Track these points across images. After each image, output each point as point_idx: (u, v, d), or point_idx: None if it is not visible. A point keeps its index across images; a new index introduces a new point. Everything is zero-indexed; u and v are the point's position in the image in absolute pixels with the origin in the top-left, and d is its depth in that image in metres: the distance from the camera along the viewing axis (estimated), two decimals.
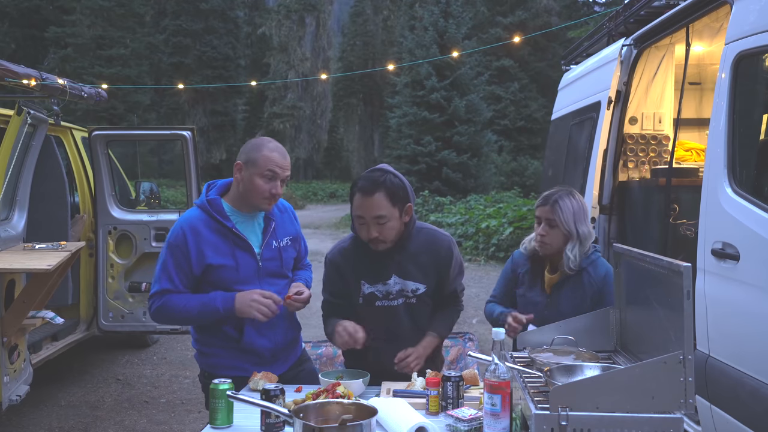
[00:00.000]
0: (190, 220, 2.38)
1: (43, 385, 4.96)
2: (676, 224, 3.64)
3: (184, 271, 2.35)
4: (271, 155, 2.35)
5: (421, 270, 2.44)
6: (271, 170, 2.34)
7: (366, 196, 2.30)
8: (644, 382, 1.59)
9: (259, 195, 2.36)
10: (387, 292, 2.44)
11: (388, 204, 2.30)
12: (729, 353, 2.56)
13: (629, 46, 4.22)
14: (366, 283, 2.44)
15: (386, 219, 2.30)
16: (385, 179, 2.31)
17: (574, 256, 2.52)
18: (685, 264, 1.61)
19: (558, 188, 2.63)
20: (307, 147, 39.66)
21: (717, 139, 2.76)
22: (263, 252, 2.43)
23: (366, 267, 2.44)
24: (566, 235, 2.53)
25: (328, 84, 39.51)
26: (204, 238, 2.35)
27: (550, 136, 6.09)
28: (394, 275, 2.43)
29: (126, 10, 30.35)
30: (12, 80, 4.34)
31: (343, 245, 2.54)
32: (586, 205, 2.63)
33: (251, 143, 2.43)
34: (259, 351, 2.43)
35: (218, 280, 2.37)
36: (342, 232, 17.29)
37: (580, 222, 2.54)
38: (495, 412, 1.74)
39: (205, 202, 2.40)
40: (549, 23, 28.51)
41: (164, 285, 2.35)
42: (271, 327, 2.43)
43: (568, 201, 2.54)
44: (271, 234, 2.45)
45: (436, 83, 21.46)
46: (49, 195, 5.09)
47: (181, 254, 2.34)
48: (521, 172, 24.30)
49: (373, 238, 2.33)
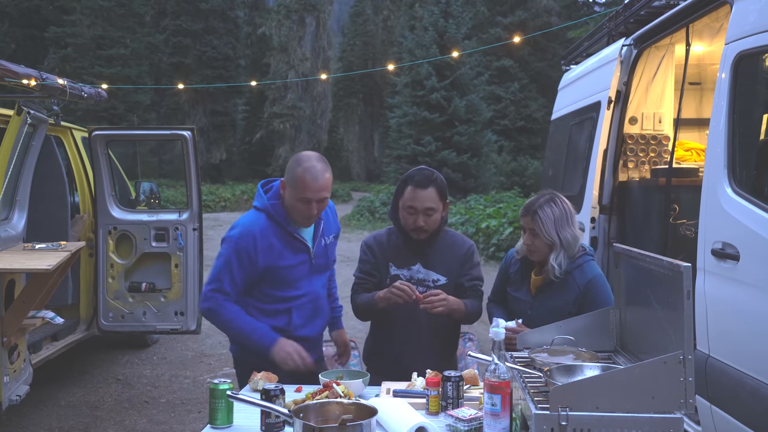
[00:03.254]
0: (259, 225, 2.51)
1: (43, 385, 4.96)
2: (676, 224, 3.64)
3: (247, 273, 2.50)
4: (304, 178, 2.40)
5: (443, 263, 2.69)
6: (305, 198, 2.42)
7: (420, 189, 2.58)
8: (644, 382, 1.59)
9: (298, 215, 2.49)
10: (410, 277, 2.69)
11: (437, 198, 2.60)
12: (729, 353, 2.56)
13: (629, 46, 4.22)
14: (393, 266, 2.72)
15: (434, 211, 2.60)
16: (436, 177, 2.63)
17: (558, 264, 2.49)
18: (685, 264, 1.61)
19: (540, 194, 2.60)
20: (307, 147, 39.54)
21: (717, 139, 2.76)
22: (315, 249, 2.60)
23: (395, 252, 2.73)
24: (549, 244, 2.51)
25: (328, 84, 39.49)
26: (270, 242, 2.49)
27: (550, 136, 6.09)
28: (419, 263, 2.70)
29: (126, 10, 30.35)
30: (12, 80, 4.34)
31: (379, 233, 2.87)
32: (569, 208, 2.57)
33: (292, 160, 2.49)
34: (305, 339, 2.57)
35: (278, 277, 2.53)
36: (342, 232, 17.21)
37: (563, 228, 2.50)
38: (495, 412, 1.74)
39: (269, 208, 2.52)
40: (549, 23, 28.50)
41: (225, 285, 2.50)
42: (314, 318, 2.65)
43: (548, 209, 2.50)
44: (321, 233, 2.62)
45: (436, 83, 21.46)
46: (49, 195, 5.08)
47: (247, 257, 2.47)
48: (521, 172, 24.29)
49: (419, 227, 2.60)
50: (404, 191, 2.62)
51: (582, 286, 2.52)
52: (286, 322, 2.56)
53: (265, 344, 2.47)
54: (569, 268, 2.53)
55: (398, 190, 2.67)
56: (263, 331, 2.50)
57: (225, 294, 2.51)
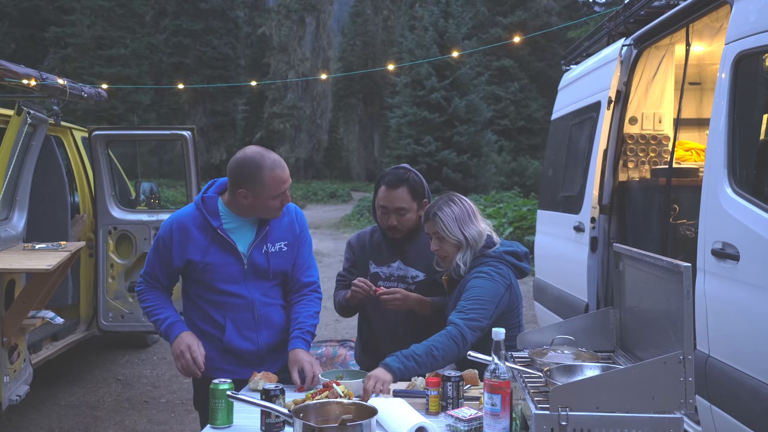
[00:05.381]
0: (181, 216, 2.43)
1: (43, 385, 4.96)
2: (676, 224, 3.64)
3: (165, 264, 2.43)
4: (274, 174, 2.29)
5: (423, 260, 2.68)
6: (279, 193, 2.33)
7: (391, 189, 2.61)
8: (644, 382, 1.59)
9: (272, 212, 2.39)
10: (389, 274, 2.73)
11: (409, 198, 2.61)
12: (729, 353, 2.56)
13: (629, 46, 4.21)
14: (373, 264, 2.76)
15: (406, 211, 2.62)
16: (408, 176, 2.64)
17: (463, 263, 2.44)
18: (685, 264, 1.61)
19: (439, 198, 2.54)
20: (307, 147, 39.65)
21: (717, 139, 2.76)
22: (252, 254, 2.40)
23: (375, 250, 2.77)
24: (456, 244, 2.44)
25: (328, 84, 39.52)
26: (190, 234, 2.37)
27: (550, 136, 6.09)
28: (398, 261, 2.72)
29: (126, 10, 30.37)
30: (12, 80, 4.34)
31: (363, 231, 2.91)
32: (469, 205, 2.51)
33: (246, 166, 2.30)
34: (242, 353, 2.43)
35: (201, 277, 2.40)
36: (342, 232, 17.32)
37: (466, 226, 2.43)
38: (495, 412, 1.74)
39: (199, 200, 2.42)
40: (549, 23, 28.53)
41: (147, 270, 2.49)
42: (254, 329, 2.45)
43: (447, 209, 2.44)
44: (262, 238, 2.42)
45: (436, 83, 21.46)
46: (49, 195, 5.08)
47: (164, 247, 2.41)
48: (521, 172, 24.31)
49: (392, 226, 2.63)
50: (378, 190, 2.66)
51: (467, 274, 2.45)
52: (220, 331, 2.42)
53: (167, 336, 2.41)
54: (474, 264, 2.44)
55: (375, 189, 2.70)
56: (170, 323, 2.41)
57: (149, 279, 2.48)
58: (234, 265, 2.39)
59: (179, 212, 2.47)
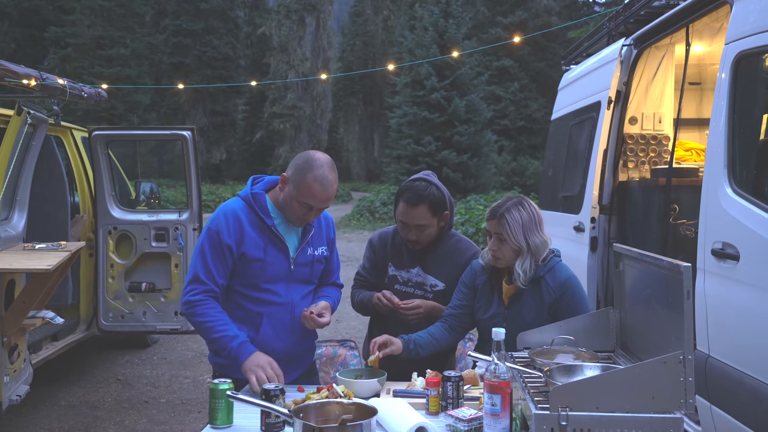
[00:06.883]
0: (232, 208, 2.37)
1: (43, 385, 4.96)
2: (676, 224, 3.64)
3: (223, 260, 2.33)
4: (312, 186, 2.25)
5: (443, 269, 2.69)
6: (308, 204, 2.30)
7: (411, 207, 2.57)
8: (644, 382, 1.59)
9: (292, 214, 2.36)
10: (408, 279, 2.72)
11: (429, 215, 2.58)
12: (729, 353, 2.56)
13: (629, 46, 4.22)
14: (392, 266, 2.76)
15: (426, 227, 2.60)
16: (429, 192, 2.57)
17: (524, 271, 2.37)
18: (685, 264, 1.61)
19: (507, 198, 2.48)
20: (306, 147, 39.52)
21: (717, 139, 2.76)
22: (298, 257, 2.42)
23: (396, 253, 2.76)
24: (516, 249, 2.38)
25: (328, 84, 39.51)
26: (244, 229, 2.33)
27: (550, 136, 6.09)
28: (418, 267, 2.72)
29: (126, 10, 30.39)
30: (12, 80, 4.35)
31: (386, 231, 2.86)
32: (538, 212, 2.46)
33: (303, 160, 2.31)
34: (274, 352, 2.35)
35: (248, 273, 2.36)
36: (342, 232, 17.29)
37: (531, 233, 2.37)
38: (495, 412, 1.74)
39: (249, 195, 2.38)
40: (549, 23, 28.54)
41: (199, 275, 2.32)
42: (290, 331, 2.43)
43: (516, 213, 2.38)
44: (308, 241, 2.44)
45: (436, 83, 21.46)
46: (49, 195, 5.08)
47: (220, 241, 2.32)
48: (521, 172, 24.32)
49: (411, 240, 2.64)
50: (398, 204, 2.62)
51: (556, 290, 2.41)
52: (255, 328, 2.38)
53: (237, 355, 2.25)
54: (540, 273, 2.41)
55: (395, 201, 2.66)
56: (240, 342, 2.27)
57: (199, 283, 2.31)
58: (282, 265, 2.39)
59: (227, 205, 2.40)
